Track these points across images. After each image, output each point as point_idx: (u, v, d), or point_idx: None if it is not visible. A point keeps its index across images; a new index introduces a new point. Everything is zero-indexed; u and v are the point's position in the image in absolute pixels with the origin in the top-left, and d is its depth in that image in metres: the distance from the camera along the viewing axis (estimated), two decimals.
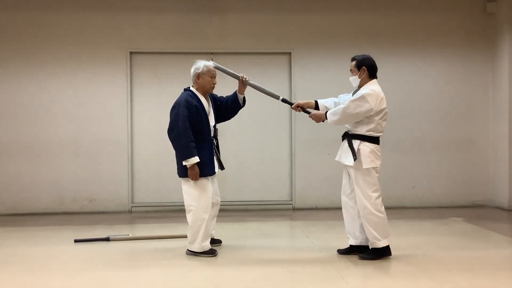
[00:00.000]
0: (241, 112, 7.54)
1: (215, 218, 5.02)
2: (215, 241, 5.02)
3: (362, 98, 4.40)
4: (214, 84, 4.79)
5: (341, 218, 6.75)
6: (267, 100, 7.63)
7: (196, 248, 4.65)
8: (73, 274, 4.17)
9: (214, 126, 4.88)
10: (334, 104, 4.80)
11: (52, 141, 7.40)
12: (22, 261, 4.64)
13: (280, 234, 5.93)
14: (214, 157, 4.78)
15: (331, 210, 7.42)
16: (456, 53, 7.76)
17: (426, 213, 7.07)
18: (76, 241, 5.36)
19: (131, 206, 7.48)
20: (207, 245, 4.67)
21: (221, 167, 4.90)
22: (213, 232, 5.01)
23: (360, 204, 4.49)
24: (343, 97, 4.78)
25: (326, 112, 4.63)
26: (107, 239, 5.39)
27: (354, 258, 4.59)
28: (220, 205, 5.04)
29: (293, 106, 4.87)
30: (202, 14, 7.56)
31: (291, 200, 7.65)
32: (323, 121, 4.71)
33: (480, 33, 7.76)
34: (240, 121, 7.64)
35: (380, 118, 4.47)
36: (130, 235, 5.57)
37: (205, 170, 4.61)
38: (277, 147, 7.67)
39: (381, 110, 4.46)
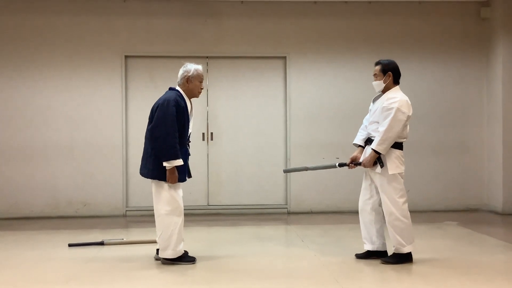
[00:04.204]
0: (236, 116, 7.67)
1: None
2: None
3: (399, 111, 4.34)
4: (202, 89, 4.70)
5: (336, 222, 6.88)
6: (262, 104, 7.69)
7: (169, 254, 4.46)
8: (67, 280, 4.16)
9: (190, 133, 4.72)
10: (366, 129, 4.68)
11: (47, 144, 7.37)
12: (16, 265, 4.61)
13: (275, 238, 5.92)
14: (188, 164, 4.63)
15: (326, 214, 7.44)
16: (451, 57, 7.80)
17: (421, 217, 7.07)
18: (70, 245, 5.34)
19: (126, 210, 7.46)
20: (180, 250, 4.49)
21: (189, 175, 4.74)
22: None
23: (386, 210, 4.44)
24: (368, 119, 4.67)
25: (372, 149, 4.42)
26: (101, 243, 5.38)
27: (349, 262, 4.60)
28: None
29: (349, 166, 4.68)
30: (197, 18, 7.57)
31: (286, 204, 7.65)
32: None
33: (474, 37, 7.80)
34: (236, 125, 7.65)
35: (406, 125, 4.45)
36: (124, 239, 5.55)
37: (179, 176, 4.45)
38: (272, 151, 7.68)
39: (409, 117, 4.43)
